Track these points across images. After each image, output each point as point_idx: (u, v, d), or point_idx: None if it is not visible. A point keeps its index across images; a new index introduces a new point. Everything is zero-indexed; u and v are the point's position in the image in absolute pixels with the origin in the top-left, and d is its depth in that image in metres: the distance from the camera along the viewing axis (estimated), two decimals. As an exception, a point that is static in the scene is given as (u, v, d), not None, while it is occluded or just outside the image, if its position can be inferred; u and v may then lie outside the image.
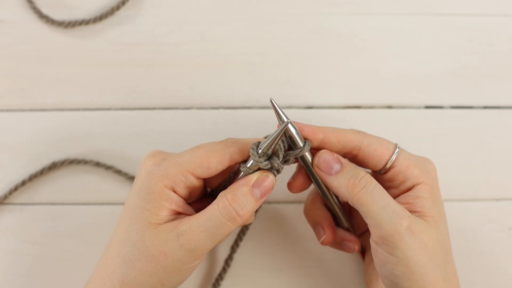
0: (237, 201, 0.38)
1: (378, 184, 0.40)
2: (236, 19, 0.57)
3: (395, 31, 0.57)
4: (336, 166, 0.40)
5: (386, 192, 0.39)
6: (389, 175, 0.41)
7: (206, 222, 0.38)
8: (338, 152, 0.41)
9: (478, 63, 0.56)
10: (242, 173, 0.40)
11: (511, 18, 0.57)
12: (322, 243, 0.47)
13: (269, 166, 0.39)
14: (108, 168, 0.54)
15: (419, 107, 0.56)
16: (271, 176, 0.39)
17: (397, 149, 0.41)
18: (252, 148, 0.39)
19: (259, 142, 0.39)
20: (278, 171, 0.40)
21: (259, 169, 0.40)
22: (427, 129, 0.55)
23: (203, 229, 0.37)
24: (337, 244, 0.49)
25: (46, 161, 0.55)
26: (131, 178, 0.54)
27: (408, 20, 0.57)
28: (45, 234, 0.54)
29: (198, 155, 0.39)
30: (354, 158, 0.42)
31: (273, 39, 0.56)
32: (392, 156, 0.41)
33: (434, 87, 0.56)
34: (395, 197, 0.42)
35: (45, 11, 0.56)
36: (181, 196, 0.40)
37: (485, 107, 0.56)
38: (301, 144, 0.40)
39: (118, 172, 0.54)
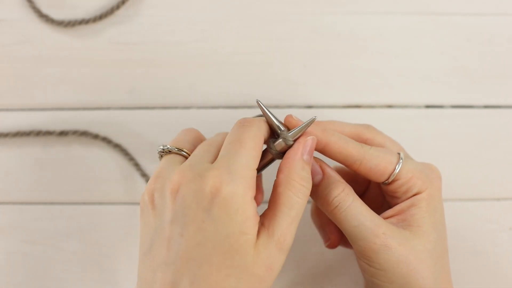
0: (302, 177, 0.37)
1: (355, 201, 0.39)
2: (236, 18, 0.57)
3: (395, 31, 0.57)
4: (316, 178, 0.40)
5: (363, 209, 0.39)
6: (392, 186, 0.41)
7: (291, 212, 0.36)
8: (339, 163, 0.41)
9: (479, 63, 0.56)
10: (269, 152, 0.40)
11: (511, 17, 0.57)
12: (328, 246, 0.47)
13: (293, 142, 0.39)
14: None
15: (419, 107, 0.56)
16: (309, 136, 0.39)
17: (400, 161, 0.40)
18: (282, 131, 0.39)
19: (273, 139, 0.40)
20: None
21: (279, 152, 0.40)
22: (428, 129, 0.55)
23: (290, 222, 0.36)
24: (344, 242, 0.48)
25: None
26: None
27: (408, 20, 0.57)
28: (45, 234, 0.54)
29: (254, 149, 0.36)
30: (357, 171, 0.41)
31: (273, 38, 0.56)
32: (394, 170, 0.40)
33: (434, 86, 0.56)
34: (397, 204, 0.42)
35: (44, 10, 0.56)
36: None
37: (486, 107, 0.56)
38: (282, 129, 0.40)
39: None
